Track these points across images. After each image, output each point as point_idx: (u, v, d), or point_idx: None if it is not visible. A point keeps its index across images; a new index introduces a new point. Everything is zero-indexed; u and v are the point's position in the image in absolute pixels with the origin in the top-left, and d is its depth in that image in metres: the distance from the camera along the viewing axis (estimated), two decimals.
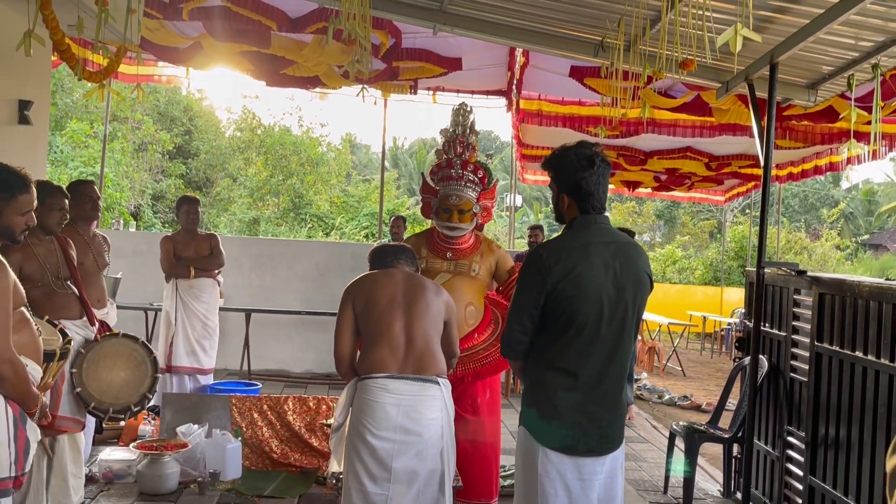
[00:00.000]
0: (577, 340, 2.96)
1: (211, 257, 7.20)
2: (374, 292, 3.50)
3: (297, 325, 10.18)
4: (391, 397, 3.33)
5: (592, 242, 2.99)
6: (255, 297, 10.14)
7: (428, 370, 3.39)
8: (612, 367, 3.01)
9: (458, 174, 4.66)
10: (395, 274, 3.58)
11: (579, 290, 2.93)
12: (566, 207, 3.07)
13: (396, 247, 3.80)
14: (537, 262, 2.99)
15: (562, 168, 3.07)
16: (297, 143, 25.07)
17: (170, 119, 24.79)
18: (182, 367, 7.08)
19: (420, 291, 3.51)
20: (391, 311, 3.44)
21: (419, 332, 3.42)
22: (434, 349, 3.43)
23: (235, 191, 25.73)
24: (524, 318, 3.01)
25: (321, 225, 24.67)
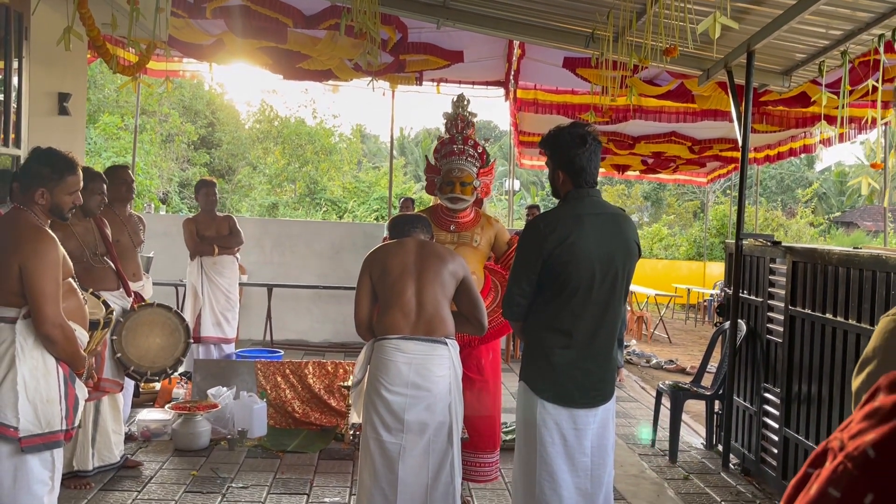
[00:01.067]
0: (571, 302, 3.00)
1: (231, 236, 7.23)
2: (388, 262, 3.53)
3: (314, 299, 10.25)
4: (403, 356, 3.38)
5: (585, 213, 3.03)
6: (276, 274, 10.20)
7: (437, 332, 3.42)
8: (603, 327, 3.06)
9: (460, 149, 4.68)
10: (408, 244, 3.60)
11: (573, 257, 2.97)
12: (561, 182, 3.11)
13: (412, 216, 3.81)
14: (535, 230, 3.04)
15: (557, 146, 3.10)
16: (312, 133, 25.06)
17: (194, 112, 24.77)
18: (209, 336, 7.13)
19: (430, 259, 3.53)
20: (403, 279, 3.47)
21: (429, 297, 3.45)
22: (443, 313, 3.46)
23: (255, 178, 25.75)
24: (523, 282, 3.06)
25: (335, 208, 24.71)
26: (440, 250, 3.61)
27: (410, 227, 3.73)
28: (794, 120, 8.31)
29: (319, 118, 26.23)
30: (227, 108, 26.52)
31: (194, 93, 24.58)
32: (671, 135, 10.24)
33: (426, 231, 3.77)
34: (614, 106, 8.37)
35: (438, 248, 3.62)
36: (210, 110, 25.63)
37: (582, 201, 3.06)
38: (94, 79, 19.98)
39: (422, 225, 3.76)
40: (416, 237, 3.69)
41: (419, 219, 3.79)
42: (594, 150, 3.07)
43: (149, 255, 7.56)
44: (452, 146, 4.69)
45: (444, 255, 3.56)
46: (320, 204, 24.65)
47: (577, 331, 3.02)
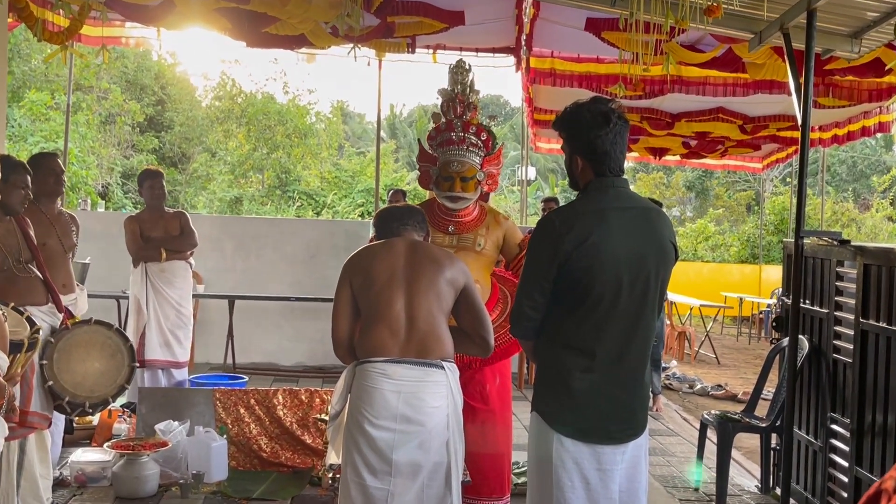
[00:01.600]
0: (593, 315, 3.01)
1: (182, 237, 7.24)
2: (372, 268, 3.53)
3: (285, 313, 10.26)
4: (391, 383, 3.38)
5: (609, 208, 3.04)
6: (238, 283, 10.22)
7: (431, 353, 3.43)
8: (633, 344, 3.06)
9: (460, 137, 4.68)
10: (397, 245, 3.60)
11: (595, 260, 2.98)
12: (580, 170, 3.12)
13: (403, 209, 3.81)
14: (548, 229, 3.04)
15: (574, 127, 3.11)
16: (283, 112, 25.10)
17: (139, 87, 24.80)
18: (155, 360, 7.14)
19: (423, 264, 3.53)
20: (390, 289, 3.48)
21: (421, 310, 3.45)
22: (439, 330, 3.46)
23: (214, 167, 25.78)
24: (534, 292, 3.07)
25: (311, 203, 24.75)
26: (436, 253, 3.62)
27: (400, 223, 3.74)
28: (867, 92, 8.31)
29: (291, 94, 26.29)
30: (180, 83, 26.53)
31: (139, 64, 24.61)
32: (718, 111, 10.25)
33: (420, 227, 3.78)
34: (648, 77, 8.38)
35: (434, 251, 3.63)
36: (159, 85, 25.65)
37: (605, 193, 3.07)
38: (18, 48, 20.02)
39: (414, 220, 3.77)
40: (408, 236, 3.70)
41: (412, 212, 3.80)
42: (620, 130, 3.08)
43: (84, 261, 7.58)
44: (450, 133, 4.71)
45: (441, 259, 3.57)
46: (293, 197, 24.71)
47: (602, 350, 3.03)
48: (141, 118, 23.51)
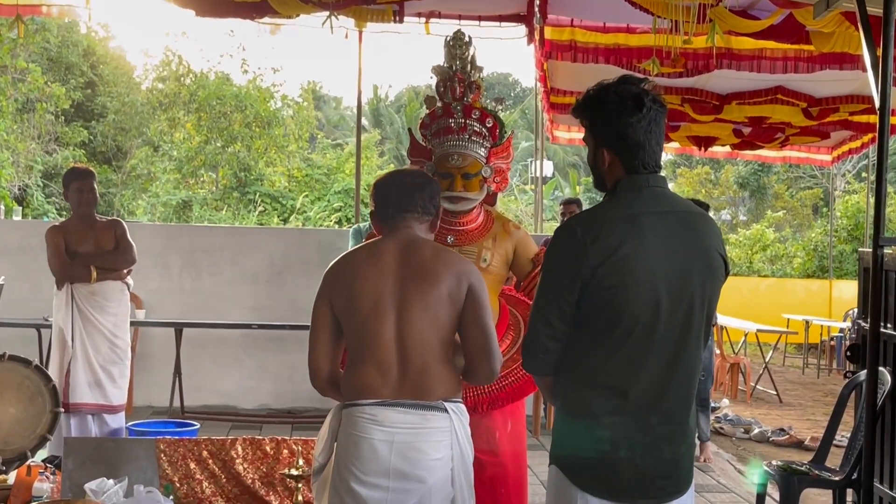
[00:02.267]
0: (625, 346, 3.02)
1: (117, 252, 7.23)
2: (355, 287, 3.49)
3: (246, 345, 10.25)
4: (381, 431, 3.37)
5: (644, 212, 3.04)
6: (187, 307, 10.22)
7: (431, 392, 3.41)
8: (674, 381, 3.07)
9: (460, 124, 4.69)
10: (385, 254, 3.54)
11: (627, 277, 2.98)
12: (607, 166, 3.13)
13: (406, 184, 3.66)
14: (569, 239, 3.05)
15: (599, 113, 3.11)
16: (241, 96, 25.10)
17: (65, 67, 24.85)
18: (84, 403, 7.12)
19: (416, 280, 3.47)
20: (377, 317, 3.44)
21: (415, 343, 3.42)
22: (438, 365, 3.44)
23: (157, 164, 25.78)
24: (552, 317, 3.07)
25: (276, 207, 24.74)
26: (431, 261, 3.53)
27: (398, 209, 3.64)
28: None
29: (252, 74, 26.31)
30: (114, 61, 26.59)
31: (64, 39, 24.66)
32: (776, 91, 10.26)
33: (425, 211, 3.66)
34: (690, 50, 8.39)
35: (429, 258, 3.54)
36: (88, 64, 25.71)
37: (638, 194, 3.08)
38: None
39: (418, 203, 3.64)
40: (405, 231, 3.62)
41: (417, 188, 3.66)
42: (655, 117, 3.08)
43: None
44: (448, 120, 4.72)
45: (437, 270, 3.50)
46: (254, 201, 24.69)
47: (636, 388, 3.03)
48: (66, 105, 23.51)
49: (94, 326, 7.15)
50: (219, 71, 26.20)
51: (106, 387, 7.20)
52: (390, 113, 35.37)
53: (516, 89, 50.99)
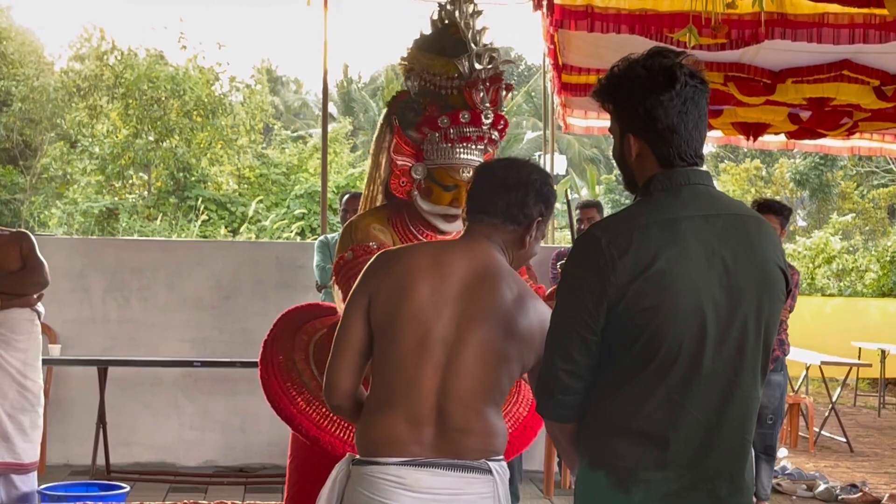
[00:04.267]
0: (663, 383, 3.01)
1: (24, 272, 7.22)
2: (406, 305, 3.41)
3: (187, 387, 10.22)
4: (411, 498, 3.33)
5: (684, 216, 3.04)
6: (113, 341, 10.17)
7: (471, 451, 3.39)
8: (725, 426, 3.06)
9: (482, 133, 4.76)
10: (457, 268, 3.46)
11: (665, 297, 2.97)
12: (635, 158, 3.15)
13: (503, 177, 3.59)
14: (592, 252, 3.03)
15: (625, 92, 3.13)
16: (179, 78, 25.21)
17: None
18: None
19: (493, 317, 3.40)
20: (423, 354, 3.38)
21: (461, 395, 3.38)
22: (481, 420, 3.41)
23: (75, 163, 25.83)
24: (573, 350, 3.05)
25: (224, 216, 24.82)
26: (508, 297, 3.45)
27: (478, 207, 3.57)
28: None
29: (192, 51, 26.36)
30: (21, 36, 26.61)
31: None
32: (842, 66, 10.26)
33: (511, 218, 3.54)
34: (735, 16, 8.37)
35: (505, 292, 3.45)
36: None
37: (676, 194, 3.08)
38: None
39: (505, 203, 3.54)
40: (479, 241, 3.55)
41: (512, 186, 3.55)
42: (693, 95, 3.09)
43: None
44: (473, 130, 4.75)
45: (513, 314, 3.42)
46: (196, 207, 24.72)
47: (679, 436, 3.02)
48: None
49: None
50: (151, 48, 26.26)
51: (14, 441, 7.20)
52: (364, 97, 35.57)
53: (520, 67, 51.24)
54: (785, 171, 30.58)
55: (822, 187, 31.28)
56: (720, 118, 11.94)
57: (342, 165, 26.00)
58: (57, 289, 7.84)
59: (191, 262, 10.65)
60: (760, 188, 29.54)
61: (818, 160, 29.57)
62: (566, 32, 9.44)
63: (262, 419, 9.58)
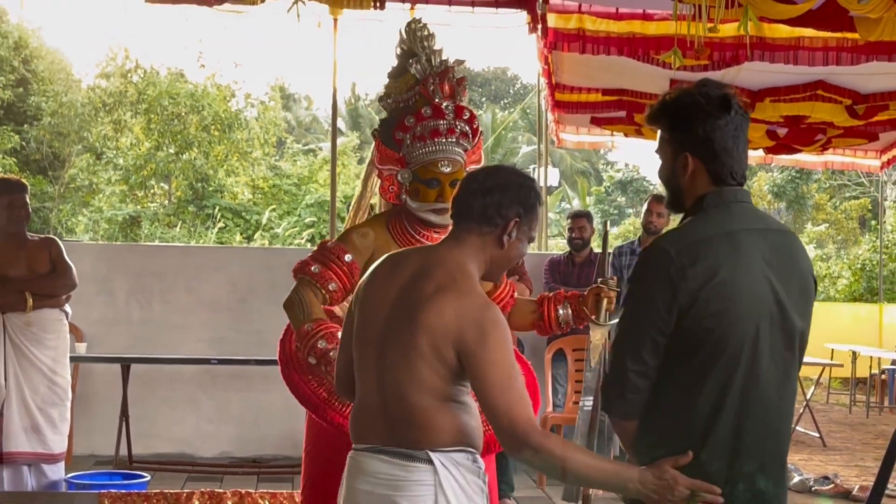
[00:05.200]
0: (728, 381, 3.12)
1: (54, 275, 7.25)
2: (364, 305, 3.50)
3: (204, 382, 10.22)
4: (365, 481, 3.39)
5: (741, 229, 3.17)
6: (135, 339, 10.18)
7: (416, 442, 3.35)
8: (779, 418, 3.21)
9: (450, 125, 4.76)
10: (408, 267, 3.46)
11: (729, 304, 3.09)
12: (689, 175, 3.23)
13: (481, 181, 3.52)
14: (663, 263, 3.13)
15: (682, 114, 3.22)
16: (198, 94, 25.15)
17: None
18: (19, 452, 7.12)
19: (405, 318, 3.36)
20: (365, 351, 3.45)
21: (394, 391, 3.37)
22: (422, 418, 3.35)
23: (100, 174, 25.77)
24: (644, 352, 3.14)
25: (239, 223, 24.74)
26: (429, 296, 3.35)
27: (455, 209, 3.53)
28: None
29: (210, 70, 26.35)
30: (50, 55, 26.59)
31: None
32: (817, 86, 10.28)
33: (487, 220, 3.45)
34: (717, 39, 8.41)
35: (429, 292, 3.36)
36: (20, 59, 25.72)
37: (729, 210, 3.20)
38: None
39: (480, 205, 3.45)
40: (449, 242, 3.52)
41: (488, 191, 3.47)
42: (741, 124, 3.20)
43: None
44: (439, 122, 4.76)
45: (426, 313, 3.32)
46: (213, 216, 24.69)
47: (743, 425, 3.14)
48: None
49: (31, 362, 7.15)
50: (171, 67, 26.24)
51: (45, 432, 7.20)
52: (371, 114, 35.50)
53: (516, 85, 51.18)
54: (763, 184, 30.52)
55: (798, 199, 31.20)
56: None
57: (350, 177, 25.95)
58: (83, 291, 7.88)
59: (208, 266, 10.68)
60: None
61: (794, 174, 29.49)
62: (559, 54, 9.49)
63: (274, 413, 9.63)
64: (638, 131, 11.66)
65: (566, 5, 8.93)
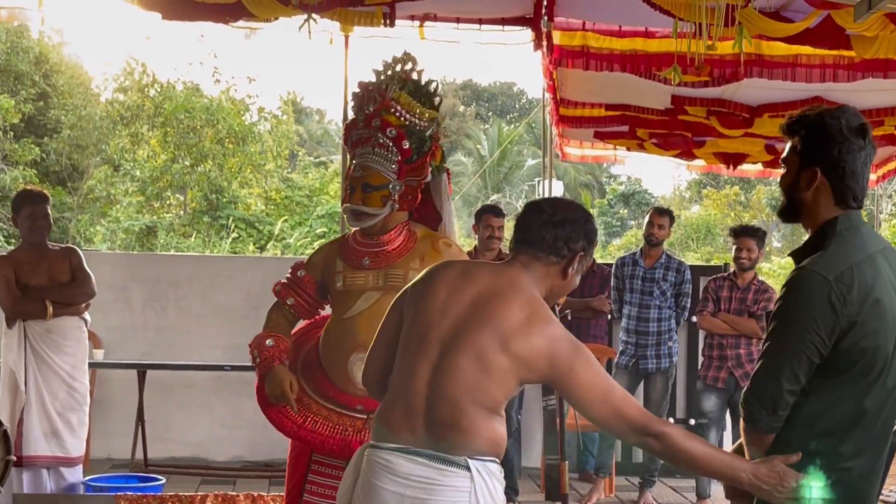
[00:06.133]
0: (873, 390, 3.30)
1: (73, 284, 7.28)
2: (423, 302, 3.51)
3: (218, 389, 10.23)
4: (393, 482, 3.39)
5: (874, 252, 3.32)
6: (152, 346, 10.21)
7: (455, 448, 3.39)
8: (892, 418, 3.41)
9: (362, 136, 4.94)
10: (480, 279, 3.50)
11: (881, 323, 3.25)
12: (814, 189, 3.33)
13: (550, 214, 3.59)
14: (821, 289, 3.22)
15: (823, 133, 3.31)
16: (213, 108, 25.20)
17: (14, 77, 24.91)
18: (39, 456, 7.13)
19: (477, 322, 3.40)
20: (420, 351, 3.45)
21: (448, 394, 3.39)
22: (466, 422, 3.40)
23: (118, 185, 25.82)
24: (799, 371, 3.26)
25: (252, 234, 24.78)
26: (505, 308, 3.42)
27: (523, 238, 3.59)
28: None
29: (225, 83, 26.40)
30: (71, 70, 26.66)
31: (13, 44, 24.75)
32: (813, 102, 10.26)
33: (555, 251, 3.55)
34: (716, 57, 8.40)
35: (515, 312, 3.42)
36: (40, 73, 25.77)
37: (860, 232, 3.34)
38: None
39: (552, 236, 3.54)
40: (516, 267, 3.56)
41: (558, 223, 3.56)
42: (871, 153, 3.35)
43: None
44: (353, 132, 5.02)
45: (506, 320, 3.39)
46: (227, 226, 24.72)
47: (871, 430, 3.33)
48: (16, 119, 23.59)
49: (51, 368, 7.17)
50: (187, 81, 26.31)
51: (64, 437, 7.22)
52: None
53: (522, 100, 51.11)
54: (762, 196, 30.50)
55: None
56: (703, 148, 11.97)
57: None
58: (101, 299, 7.90)
59: (223, 275, 10.71)
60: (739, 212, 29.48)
61: None
62: (564, 70, 9.49)
63: None
64: (640, 145, 11.66)
65: (570, 23, 8.94)
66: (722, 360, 8.56)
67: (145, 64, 26.20)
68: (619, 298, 9.17)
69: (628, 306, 9.02)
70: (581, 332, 9.75)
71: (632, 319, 8.96)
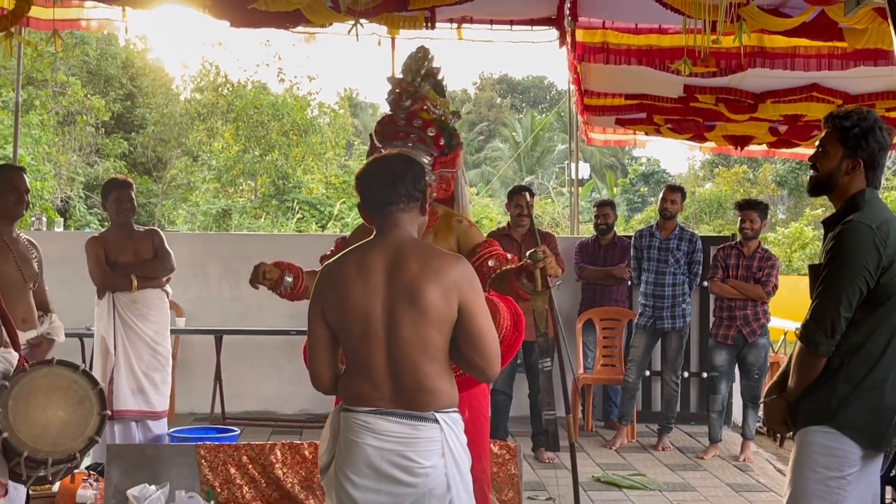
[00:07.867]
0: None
1: (156, 260, 7.33)
2: (347, 307, 3.51)
3: (286, 350, 10.26)
4: (374, 438, 3.46)
5: (891, 216, 3.89)
6: (227, 315, 10.27)
7: (423, 405, 3.48)
8: None
9: (405, 131, 4.87)
10: (376, 266, 3.53)
11: None
12: (846, 173, 3.93)
13: (387, 171, 3.68)
14: (869, 236, 3.80)
15: (869, 129, 3.89)
16: (278, 104, 25.31)
17: (104, 80, 25.13)
18: (128, 410, 7.21)
19: (407, 300, 3.45)
20: (368, 339, 3.49)
21: (406, 362, 3.46)
22: (428, 380, 3.48)
23: (197, 173, 26.01)
24: (854, 299, 3.78)
25: (315, 214, 24.87)
26: (417, 274, 3.47)
27: (382, 202, 3.64)
28: None
29: (288, 83, 26.50)
30: (153, 73, 26.88)
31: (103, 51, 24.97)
32: (811, 89, 10.19)
33: (411, 197, 3.64)
34: (722, 49, 8.36)
35: (415, 271, 3.48)
36: (127, 76, 26.01)
37: (880, 201, 3.94)
38: None
39: (402, 191, 3.62)
40: (392, 231, 3.61)
41: (399, 175, 3.64)
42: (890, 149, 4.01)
43: None
44: (392, 127, 4.93)
45: (424, 288, 3.45)
46: (293, 208, 24.86)
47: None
48: (106, 117, 23.80)
49: (136, 334, 7.24)
50: (256, 80, 26.47)
51: (149, 393, 7.30)
52: None
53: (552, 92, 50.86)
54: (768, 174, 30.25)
55: (798, 187, 30.84)
56: (713, 132, 11.90)
57: None
58: (182, 274, 7.97)
59: (289, 252, 10.62)
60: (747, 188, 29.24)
61: (795, 165, 29.21)
62: (587, 64, 9.47)
63: None
64: (657, 130, 11.63)
65: (591, 22, 8.91)
66: (731, 320, 8.55)
67: (218, 66, 26.42)
68: (638, 267, 9.14)
69: (646, 273, 9.01)
70: (604, 298, 9.78)
71: (649, 285, 8.94)
